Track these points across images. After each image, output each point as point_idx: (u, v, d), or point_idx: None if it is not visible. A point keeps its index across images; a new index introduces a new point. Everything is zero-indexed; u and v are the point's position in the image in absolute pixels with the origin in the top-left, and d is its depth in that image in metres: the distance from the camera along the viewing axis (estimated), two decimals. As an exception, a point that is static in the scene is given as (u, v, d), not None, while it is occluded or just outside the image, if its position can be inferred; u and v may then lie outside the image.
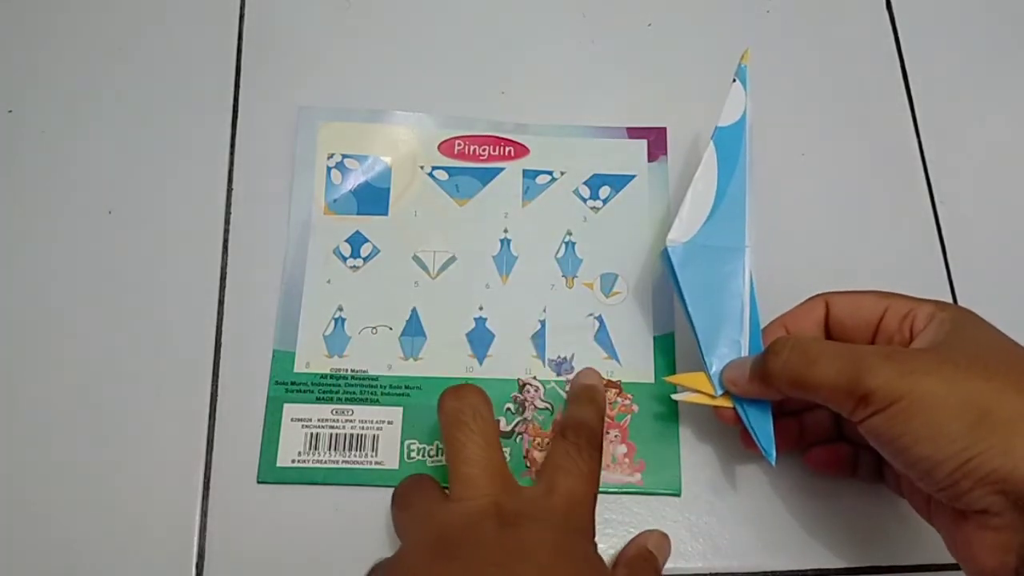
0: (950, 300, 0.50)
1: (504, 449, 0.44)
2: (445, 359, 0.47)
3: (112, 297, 0.48)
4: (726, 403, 0.42)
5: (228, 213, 0.50)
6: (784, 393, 0.38)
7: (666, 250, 0.43)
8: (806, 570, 0.44)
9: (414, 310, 0.48)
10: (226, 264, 0.48)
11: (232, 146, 0.51)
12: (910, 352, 0.36)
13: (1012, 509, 0.32)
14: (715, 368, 0.42)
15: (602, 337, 0.48)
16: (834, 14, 0.57)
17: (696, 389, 0.42)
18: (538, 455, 0.45)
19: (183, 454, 0.45)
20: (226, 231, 0.49)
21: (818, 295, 0.42)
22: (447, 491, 0.39)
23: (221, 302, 0.48)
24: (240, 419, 0.45)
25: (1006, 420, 0.32)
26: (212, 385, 0.46)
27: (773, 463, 0.40)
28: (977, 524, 0.33)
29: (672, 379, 0.44)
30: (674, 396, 0.43)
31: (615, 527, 0.44)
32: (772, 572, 0.44)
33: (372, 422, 0.45)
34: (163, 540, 0.43)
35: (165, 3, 0.54)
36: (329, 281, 0.48)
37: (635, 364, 0.47)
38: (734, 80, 0.45)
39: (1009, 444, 0.32)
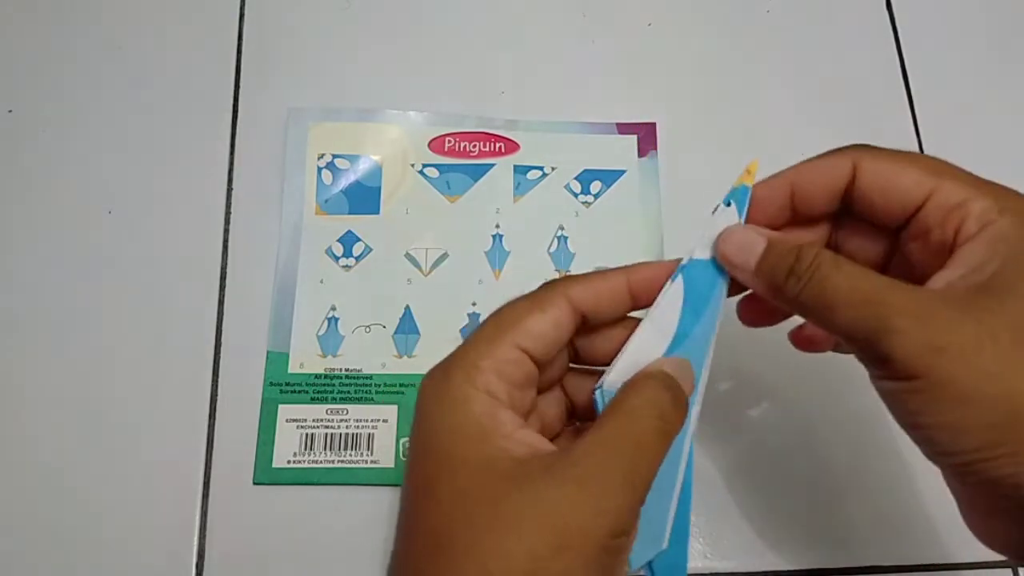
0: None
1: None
2: (440, 356, 0.43)
3: (112, 297, 0.46)
4: None
5: (228, 213, 0.48)
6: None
7: (599, 391, 0.31)
8: (806, 570, 0.42)
9: (407, 308, 0.46)
10: (226, 264, 0.47)
11: (232, 146, 0.49)
12: (945, 316, 0.27)
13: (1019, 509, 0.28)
14: (635, 554, 0.31)
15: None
16: (834, 14, 0.55)
17: None
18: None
19: (183, 454, 0.43)
20: (226, 231, 0.47)
21: (848, 150, 0.32)
22: None
23: (221, 302, 0.46)
24: (237, 420, 0.44)
25: None
26: (212, 385, 0.44)
27: None
28: (986, 507, 0.30)
29: None
30: None
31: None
32: (772, 572, 0.42)
33: (367, 421, 0.44)
34: (163, 540, 0.42)
35: (165, 3, 0.53)
36: (322, 281, 0.46)
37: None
38: (727, 203, 0.33)
39: None
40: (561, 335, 0.31)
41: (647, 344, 0.32)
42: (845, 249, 0.34)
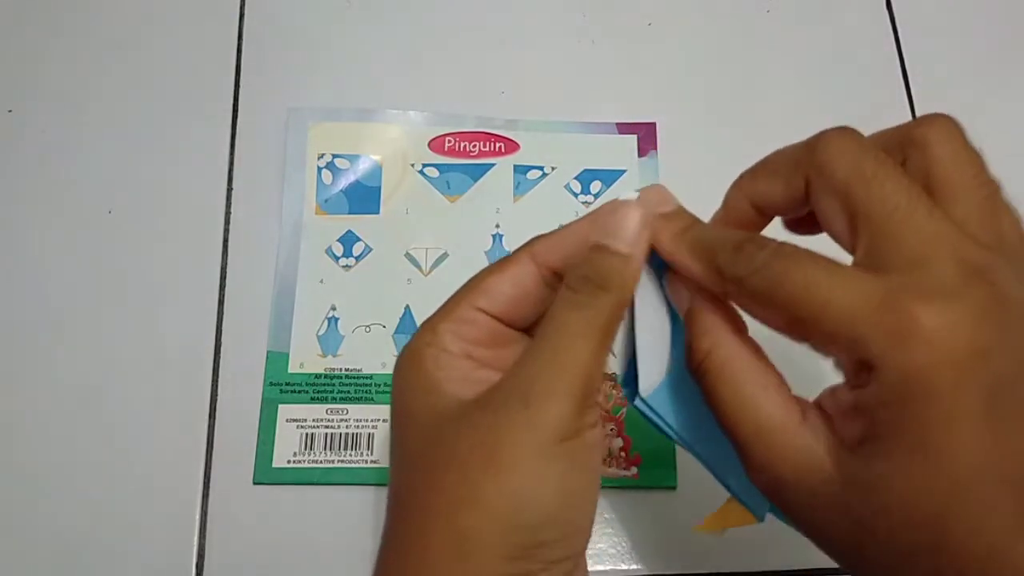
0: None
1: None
2: None
3: (112, 297, 0.46)
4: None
5: (228, 213, 0.48)
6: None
7: (643, 403, 0.30)
8: (806, 570, 0.42)
9: (407, 308, 0.46)
10: (226, 264, 0.47)
11: (232, 146, 0.49)
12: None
13: None
14: (739, 489, 0.31)
15: (597, 330, 0.46)
16: (834, 14, 0.55)
17: (738, 524, 0.32)
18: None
19: (183, 454, 0.43)
20: (226, 231, 0.47)
21: (804, 163, 0.29)
22: None
23: (221, 302, 0.46)
24: (237, 420, 0.44)
25: None
26: (212, 385, 0.44)
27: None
28: None
29: (707, 528, 0.33)
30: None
31: (613, 525, 0.42)
32: (772, 572, 0.42)
33: (367, 421, 0.43)
34: (163, 540, 0.41)
35: (165, 3, 0.52)
36: (322, 281, 0.46)
37: (630, 357, 0.45)
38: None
39: None
40: (524, 291, 0.30)
41: (654, 343, 0.30)
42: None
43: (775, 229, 0.31)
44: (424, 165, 0.48)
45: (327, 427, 0.43)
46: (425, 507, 0.27)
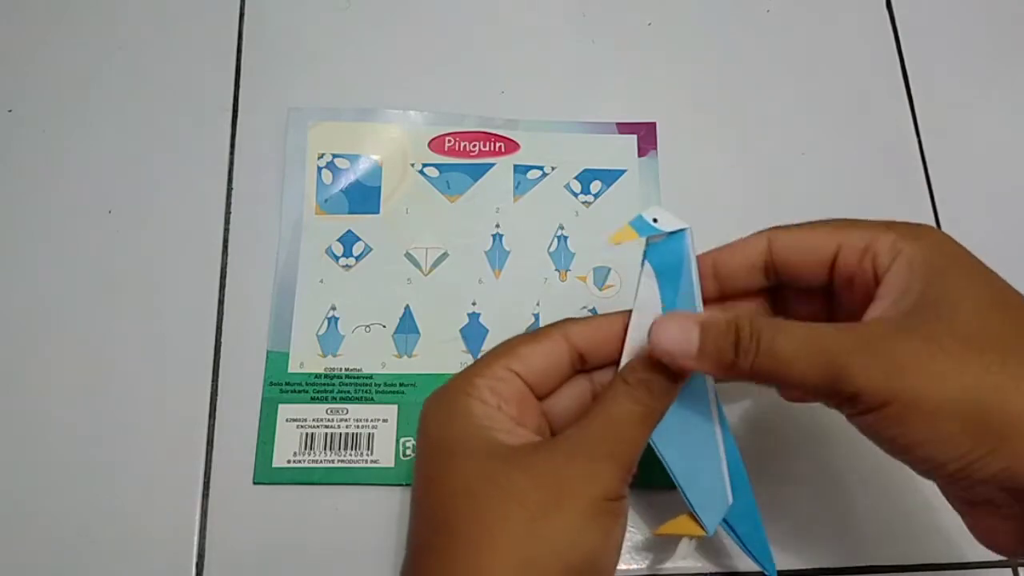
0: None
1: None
2: (439, 355, 0.45)
3: (112, 297, 0.46)
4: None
5: (228, 213, 0.48)
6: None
7: None
8: (806, 570, 0.42)
9: (407, 307, 0.46)
10: (226, 264, 0.47)
11: (232, 146, 0.49)
12: (892, 340, 0.29)
13: (1018, 503, 0.30)
14: (698, 505, 0.35)
15: (596, 330, 0.46)
16: (834, 14, 0.55)
17: (687, 534, 0.36)
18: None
19: (183, 454, 0.43)
20: (226, 231, 0.47)
21: (761, 231, 0.35)
22: None
23: (221, 302, 0.46)
24: (237, 419, 0.44)
25: (1009, 419, 0.28)
26: (212, 385, 0.44)
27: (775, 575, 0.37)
28: (985, 511, 0.32)
29: (663, 533, 0.37)
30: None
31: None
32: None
33: (367, 420, 0.44)
34: (163, 540, 0.41)
35: (165, 3, 0.52)
36: (322, 281, 0.46)
37: (630, 357, 0.45)
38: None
39: (1012, 446, 0.28)
40: (553, 364, 0.35)
41: (641, 330, 0.34)
42: (790, 316, 0.37)
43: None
44: (424, 165, 0.48)
45: (327, 427, 0.43)
46: (485, 534, 0.30)
